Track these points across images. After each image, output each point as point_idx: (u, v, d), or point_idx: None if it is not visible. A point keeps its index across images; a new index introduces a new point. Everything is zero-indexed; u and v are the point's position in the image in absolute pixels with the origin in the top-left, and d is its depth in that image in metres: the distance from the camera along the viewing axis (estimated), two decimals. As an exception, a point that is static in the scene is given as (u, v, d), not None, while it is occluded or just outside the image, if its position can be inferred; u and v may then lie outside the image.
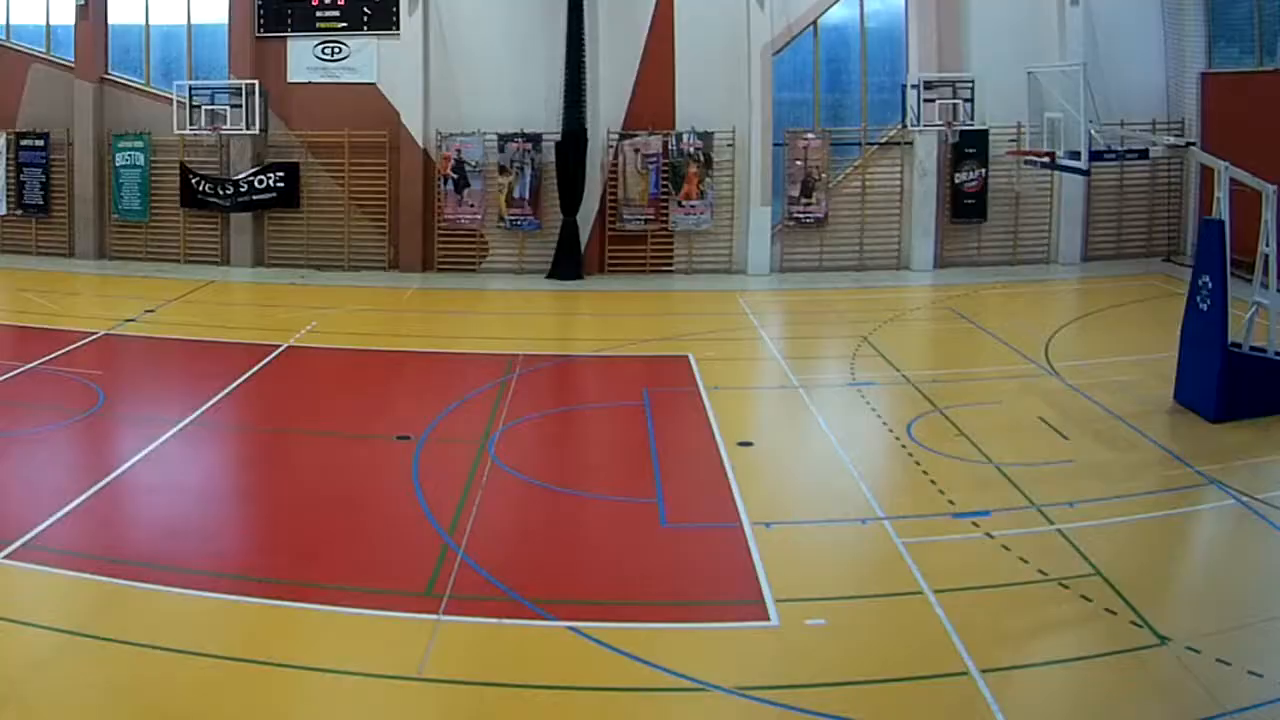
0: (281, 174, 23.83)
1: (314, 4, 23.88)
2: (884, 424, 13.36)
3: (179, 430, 12.84)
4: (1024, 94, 17.66)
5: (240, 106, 22.95)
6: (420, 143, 23.54)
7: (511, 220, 23.55)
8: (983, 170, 23.44)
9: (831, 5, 23.61)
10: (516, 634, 8.23)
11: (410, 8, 23.42)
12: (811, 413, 13.98)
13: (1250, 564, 9.51)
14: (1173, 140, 20.28)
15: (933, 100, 22.32)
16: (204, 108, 23.09)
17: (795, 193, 23.48)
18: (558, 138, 22.75)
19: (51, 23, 24.93)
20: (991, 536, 9.77)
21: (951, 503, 10.61)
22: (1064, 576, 8.93)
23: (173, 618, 8.31)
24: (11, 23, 25.09)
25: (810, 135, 23.58)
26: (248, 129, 23.13)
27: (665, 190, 23.25)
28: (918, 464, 11.81)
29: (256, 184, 23.83)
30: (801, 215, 23.54)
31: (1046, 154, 16.30)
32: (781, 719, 7.07)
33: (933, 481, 11.23)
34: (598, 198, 23.28)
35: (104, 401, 13.96)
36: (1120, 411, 13.38)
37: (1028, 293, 21.57)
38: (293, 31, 24.01)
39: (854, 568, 9.50)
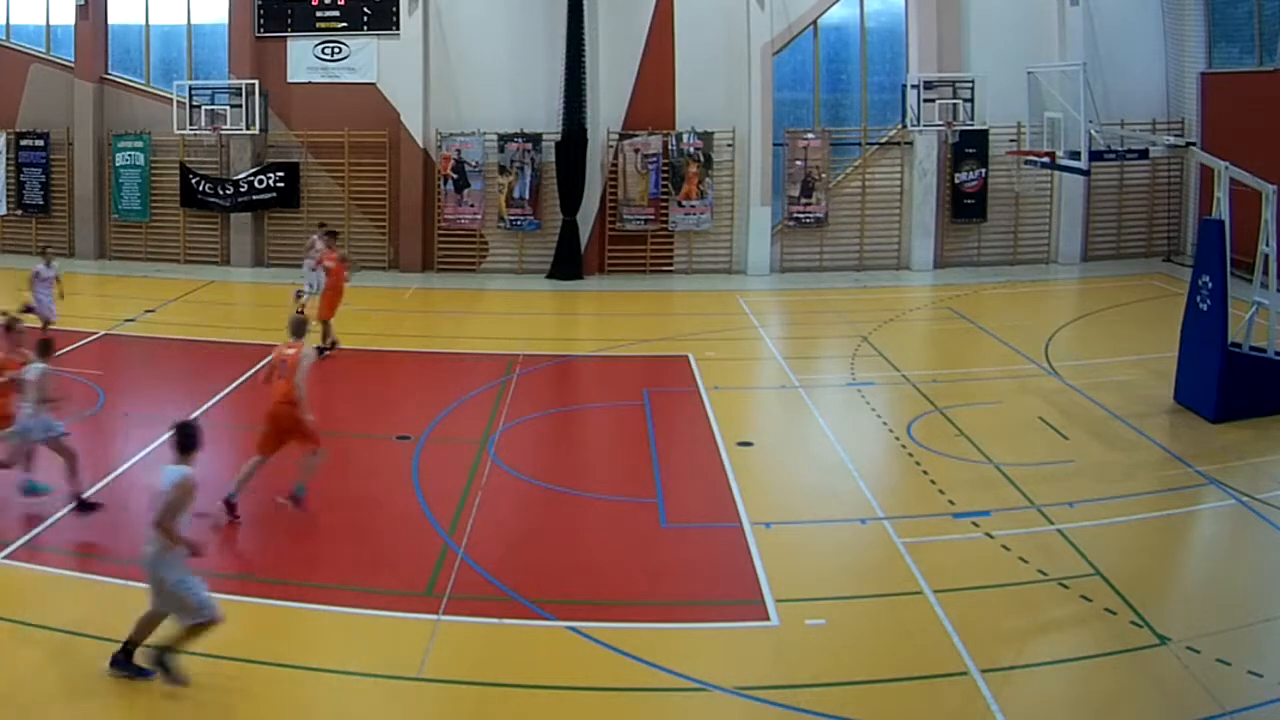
0: (281, 174, 23.84)
1: (314, 4, 23.89)
2: (884, 424, 13.36)
3: (179, 430, 12.82)
4: (1024, 94, 17.68)
5: (240, 106, 22.96)
6: (420, 143, 23.54)
7: (511, 220, 23.55)
8: (983, 170, 23.44)
9: (831, 5, 23.62)
10: (516, 634, 8.24)
11: (410, 8, 23.42)
12: (811, 413, 13.98)
13: (1250, 564, 9.51)
14: (1173, 140, 20.27)
15: (933, 100, 22.33)
16: (204, 108, 23.09)
17: (795, 193, 23.48)
18: (558, 138, 22.76)
19: (51, 23, 24.96)
20: (991, 536, 9.77)
21: (951, 503, 10.61)
22: (1064, 576, 8.93)
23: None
24: (11, 23, 25.11)
25: (810, 135, 23.58)
26: (248, 129, 23.13)
27: (665, 190, 23.24)
28: (918, 464, 11.81)
29: (256, 184, 23.84)
30: (801, 215, 23.54)
31: (1046, 154, 16.30)
32: (781, 719, 7.07)
33: (933, 481, 11.23)
34: (598, 198, 23.29)
35: (104, 401, 13.96)
36: (1120, 411, 13.38)
37: (1028, 293, 21.56)
38: (293, 31, 24.02)
39: (854, 568, 9.51)
